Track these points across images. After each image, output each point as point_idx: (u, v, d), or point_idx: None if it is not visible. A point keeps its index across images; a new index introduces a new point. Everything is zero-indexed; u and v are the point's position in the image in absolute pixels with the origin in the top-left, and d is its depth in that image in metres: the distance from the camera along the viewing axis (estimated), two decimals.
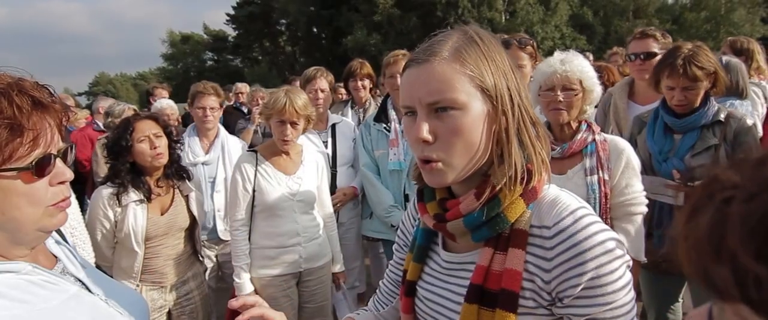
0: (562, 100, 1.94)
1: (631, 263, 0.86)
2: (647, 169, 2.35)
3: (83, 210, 2.57)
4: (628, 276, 0.84)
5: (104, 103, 5.38)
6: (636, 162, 2.00)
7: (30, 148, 0.85)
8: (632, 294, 0.85)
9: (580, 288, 0.82)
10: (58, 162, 0.91)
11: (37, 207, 0.88)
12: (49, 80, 0.93)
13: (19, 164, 0.84)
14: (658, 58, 2.81)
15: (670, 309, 2.55)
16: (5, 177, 0.83)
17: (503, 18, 26.83)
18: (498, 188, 0.87)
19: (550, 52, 2.08)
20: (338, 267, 2.78)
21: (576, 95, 1.94)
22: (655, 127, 2.41)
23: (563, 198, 0.90)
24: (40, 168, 0.86)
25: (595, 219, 0.86)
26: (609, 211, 1.94)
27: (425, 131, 0.85)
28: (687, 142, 2.29)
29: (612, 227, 1.95)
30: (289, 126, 2.46)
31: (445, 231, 0.94)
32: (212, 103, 3.27)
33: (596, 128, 2.03)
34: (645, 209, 1.99)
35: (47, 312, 0.87)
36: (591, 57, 5.40)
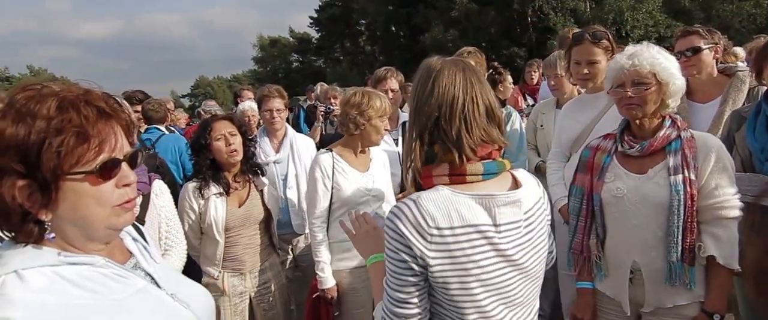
0: (632, 95, 1.82)
1: (405, 234, 1.16)
2: (747, 169, 2.16)
3: None
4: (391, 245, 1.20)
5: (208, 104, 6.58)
6: (728, 162, 1.82)
7: (96, 153, 0.94)
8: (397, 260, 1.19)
9: None
10: (124, 166, 0.99)
11: (104, 208, 0.97)
12: (156, 84, 1.06)
13: (85, 168, 0.93)
14: (705, 52, 2.62)
15: None
16: (74, 179, 0.93)
17: (588, 6, 25.41)
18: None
19: (641, 41, 1.95)
20: None
21: (648, 89, 1.81)
22: (756, 122, 2.19)
23: (424, 195, 1.20)
24: (106, 171, 0.95)
25: (400, 206, 1.19)
26: (696, 214, 1.78)
27: None
28: None
29: (699, 232, 1.79)
30: (386, 120, 2.69)
31: None
32: (278, 105, 3.44)
33: (682, 124, 1.88)
34: (739, 213, 1.80)
35: (115, 303, 0.96)
36: None
